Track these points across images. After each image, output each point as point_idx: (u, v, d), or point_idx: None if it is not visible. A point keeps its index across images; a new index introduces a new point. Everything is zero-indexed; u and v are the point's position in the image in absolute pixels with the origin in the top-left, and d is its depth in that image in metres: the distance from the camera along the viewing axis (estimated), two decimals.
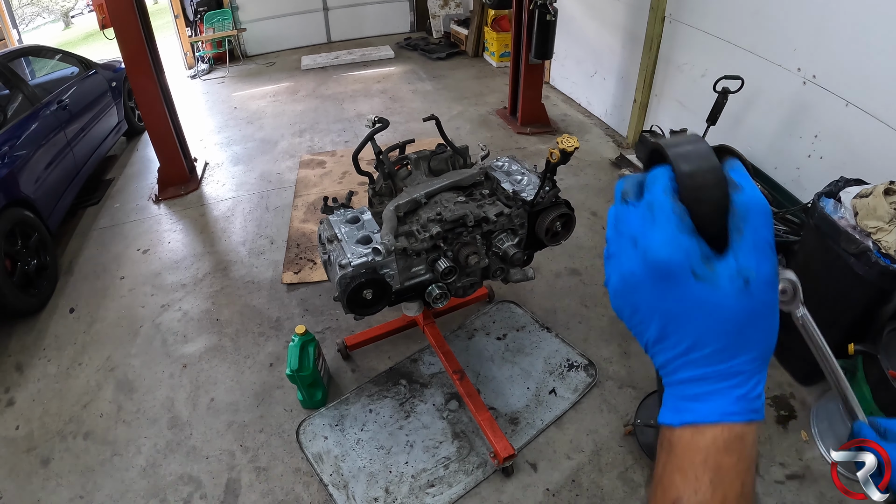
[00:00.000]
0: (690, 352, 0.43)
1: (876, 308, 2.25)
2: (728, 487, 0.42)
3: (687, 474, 0.42)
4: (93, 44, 11.64)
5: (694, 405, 0.43)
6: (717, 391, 0.43)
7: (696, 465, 0.42)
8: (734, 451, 0.42)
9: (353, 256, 1.94)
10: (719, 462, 0.42)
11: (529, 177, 2.31)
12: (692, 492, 0.42)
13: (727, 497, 0.41)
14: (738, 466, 0.42)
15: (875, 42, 2.74)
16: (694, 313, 0.42)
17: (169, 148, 4.64)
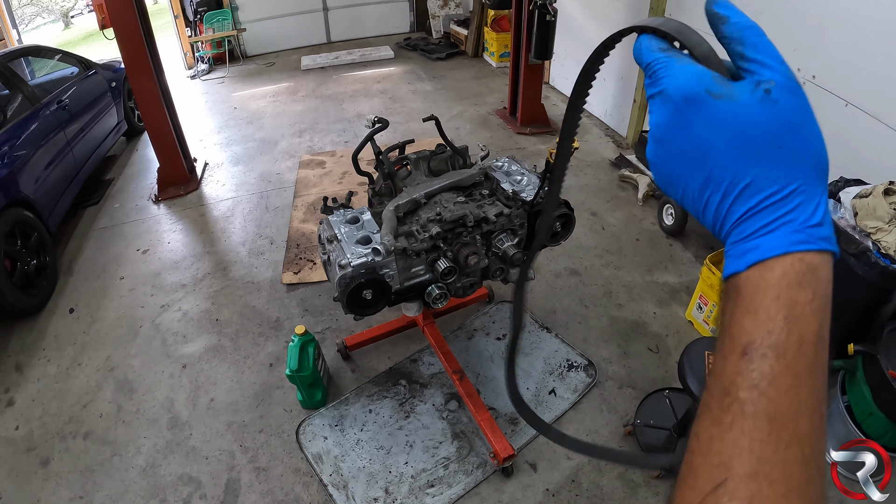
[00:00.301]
0: (737, 184, 0.40)
1: (875, 308, 2.25)
2: (804, 327, 0.38)
3: (758, 315, 0.38)
4: (92, 44, 11.64)
5: (757, 242, 0.39)
6: (778, 221, 0.39)
7: (767, 303, 0.38)
8: (808, 285, 0.38)
9: (353, 257, 1.94)
10: (793, 298, 0.38)
11: (529, 177, 2.31)
12: (765, 333, 0.37)
13: (804, 338, 0.37)
14: (814, 304, 0.38)
15: (875, 43, 2.74)
16: (725, 137, 0.40)
17: (169, 148, 4.64)
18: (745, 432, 0.35)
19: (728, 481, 0.34)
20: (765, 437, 0.35)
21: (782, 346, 0.37)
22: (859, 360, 2.18)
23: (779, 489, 0.34)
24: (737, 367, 0.37)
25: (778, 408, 0.35)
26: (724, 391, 0.37)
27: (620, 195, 4.32)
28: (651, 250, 3.69)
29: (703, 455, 0.37)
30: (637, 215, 4.05)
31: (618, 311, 3.19)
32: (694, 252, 3.63)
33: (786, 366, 0.36)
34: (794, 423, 0.35)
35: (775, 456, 0.34)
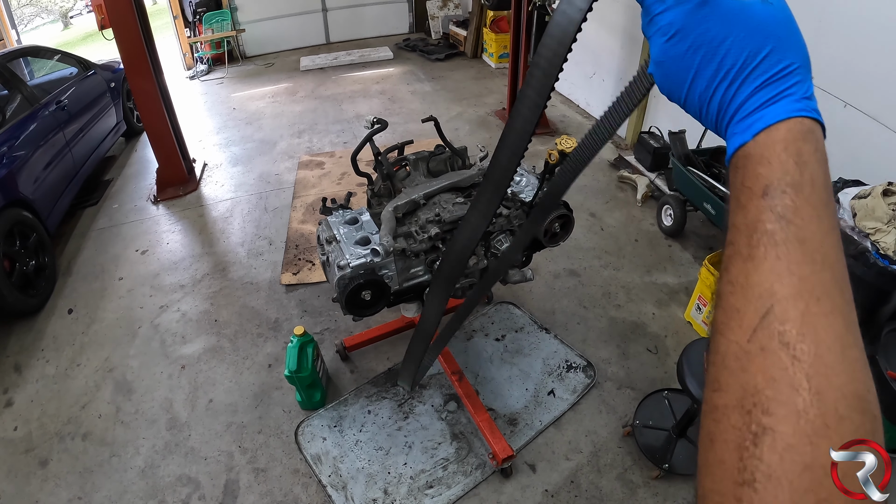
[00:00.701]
0: (746, 68, 0.45)
1: (874, 309, 2.25)
2: (814, 170, 0.41)
3: (772, 163, 0.42)
4: (92, 44, 11.64)
5: (762, 113, 0.44)
6: (780, 95, 0.44)
7: (777, 152, 0.42)
8: (811, 139, 0.43)
9: (352, 257, 1.94)
10: (799, 148, 0.42)
11: (528, 178, 2.31)
12: (781, 173, 0.41)
13: (815, 179, 0.41)
14: (817, 155, 0.43)
15: (873, 44, 2.75)
16: (735, 29, 0.45)
17: (168, 149, 4.64)
18: (780, 258, 0.37)
19: (775, 306, 0.36)
20: (800, 258, 0.37)
21: (798, 183, 0.40)
22: None
23: (824, 306, 0.35)
24: (759, 207, 0.40)
25: (806, 234, 0.38)
26: (750, 231, 0.40)
27: (619, 196, 4.33)
28: (650, 251, 3.69)
29: (742, 293, 0.38)
30: (636, 216, 4.06)
31: (617, 311, 3.19)
32: (693, 253, 3.63)
33: (805, 199, 0.39)
34: (822, 247, 0.38)
35: (814, 276, 0.36)
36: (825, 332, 0.34)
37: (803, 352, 0.34)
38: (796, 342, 0.34)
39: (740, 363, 0.36)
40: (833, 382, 0.33)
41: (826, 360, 0.33)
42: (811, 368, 0.33)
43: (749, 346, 0.36)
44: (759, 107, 0.44)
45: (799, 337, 0.34)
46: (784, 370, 0.33)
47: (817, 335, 0.34)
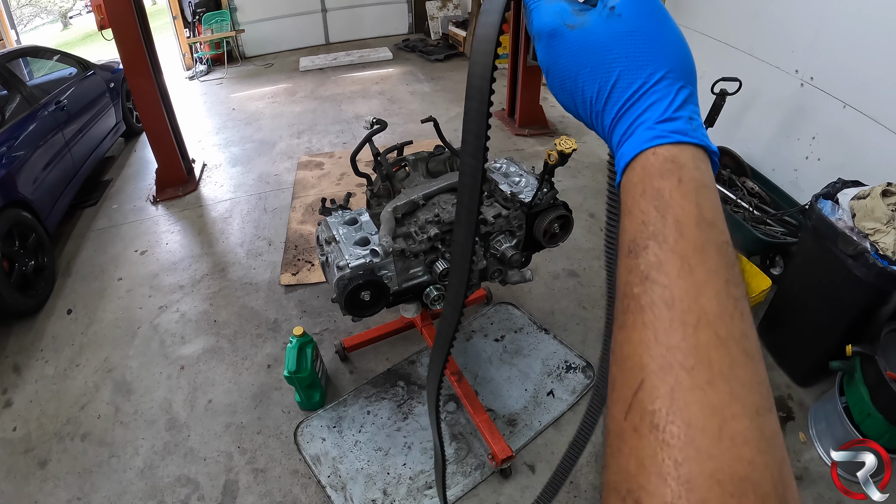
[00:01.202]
0: (600, 100, 0.42)
1: (874, 309, 2.25)
2: (679, 210, 0.36)
3: (632, 213, 0.38)
4: (91, 44, 11.64)
5: (622, 151, 0.40)
6: (633, 125, 0.40)
7: (636, 199, 0.38)
8: (669, 173, 0.37)
9: (351, 258, 1.94)
10: (656, 188, 0.37)
11: (527, 178, 2.31)
12: (640, 225, 0.37)
13: (681, 220, 0.35)
14: (682, 188, 0.37)
15: (873, 44, 2.75)
16: (583, 61, 0.43)
17: (167, 149, 4.63)
18: (647, 325, 0.33)
19: (644, 381, 0.32)
20: (668, 325, 0.33)
21: (660, 233, 0.36)
22: (857, 361, 2.19)
23: (700, 376, 0.31)
24: (626, 267, 0.37)
25: (673, 292, 0.33)
26: (620, 295, 0.36)
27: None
28: None
29: (617, 364, 0.35)
30: None
31: None
32: None
33: (669, 250, 0.35)
34: (696, 304, 0.33)
35: (685, 342, 0.32)
36: (698, 408, 0.30)
37: (672, 434, 0.30)
38: (665, 423, 0.30)
39: (617, 443, 0.33)
40: (705, 468, 0.29)
41: (698, 444, 0.29)
42: (680, 454, 0.29)
43: (625, 424, 0.32)
44: (619, 143, 0.41)
45: (669, 417, 0.30)
46: (653, 457, 0.30)
47: (688, 414, 0.30)
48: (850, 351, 2.15)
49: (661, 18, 0.42)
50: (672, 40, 0.42)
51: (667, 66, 0.41)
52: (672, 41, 0.42)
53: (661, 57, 0.41)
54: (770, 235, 3.09)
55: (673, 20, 0.43)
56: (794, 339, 2.67)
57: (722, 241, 0.36)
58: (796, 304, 2.64)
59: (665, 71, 0.41)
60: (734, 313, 0.33)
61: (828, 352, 2.36)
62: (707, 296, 0.33)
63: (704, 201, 0.37)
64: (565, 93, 0.46)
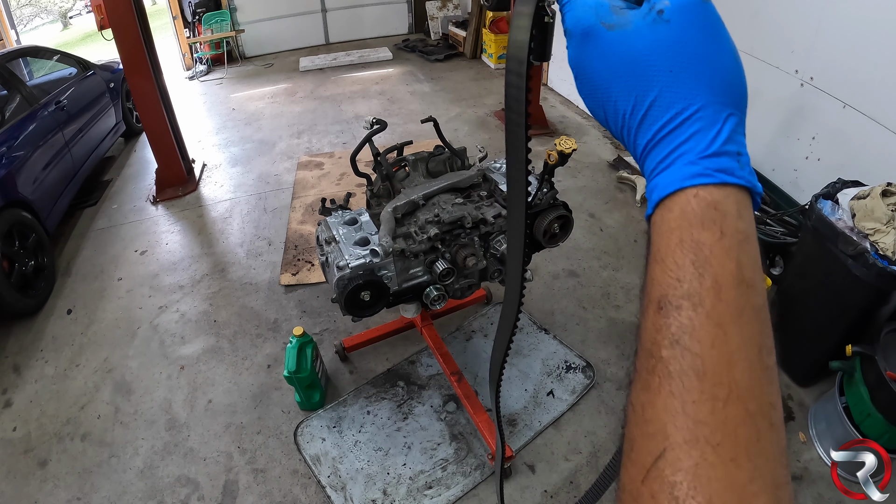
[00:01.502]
0: (636, 116, 0.38)
1: (874, 309, 2.25)
2: (718, 269, 0.33)
3: (665, 263, 0.34)
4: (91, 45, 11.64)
5: (657, 180, 0.37)
6: (674, 154, 0.36)
7: (672, 249, 0.34)
8: (711, 223, 0.34)
9: (351, 258, 1.94)
10: (696, 240, 0.34)
11: None
12: (675, 281, 0.34)
13: (720, 281, 0.33)
14: (723, 243, 0.34)
15: (873, 44, 2.75)
16: (620, 68, 0.38)
17: (167, 149, 4.63)
18: (675, 394, 0.32)
19: (667, 451, 0.31)
20: (697, 398, 0.31)
21: (696, 294, 0.33)
22: (857, 361, 2.19)
23: (725, 453, 0.30)
24: (655, 324, 0.34)
25: (705, 362, 0.32)
26: (647, 352, 0.34)
27: (619, 196, 4.33)
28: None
29: (638, 425, 0.34)
30: (635, 217, 4.05)
31: (616, 312, 3.19)
32: None
33: (705, 315, 0.32)
34: (728, 377, 0.31)
35: (713, 417, 0.31)
36: (721, 485, 0.29)
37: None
38: (686, 497, 0.30)
39: (630, 503, 0.33)
40: None
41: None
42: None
43: (642, 488, 0.32)
44: (654, 171, 0.37)
45: (690, 492, 0.30)
46: None
47: (710, 490, 0.29)
48: (850, 351, 2.15)
49: (716, 32, 0.38)
50: (726, 59, 0.38)
51: (716, 89, 0.37)
52: (726, 60, 0.38)
53: (711, 77, 0.37)
54: (770, 235, 3.09)
55: (729, 36, 0.38)
56: (794, 339, 2.67)
57: (760, 304, 0.34)
58: (796, 304, 2.64)
59: (713, 94, 0.37)
60: (765, 385, 0.32)
61: (828, 352, 2.36)
62: (740, 368, 0.32)
63: (745, 258, 0.34)
64: (595, 101, 0.42)
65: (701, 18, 0.37)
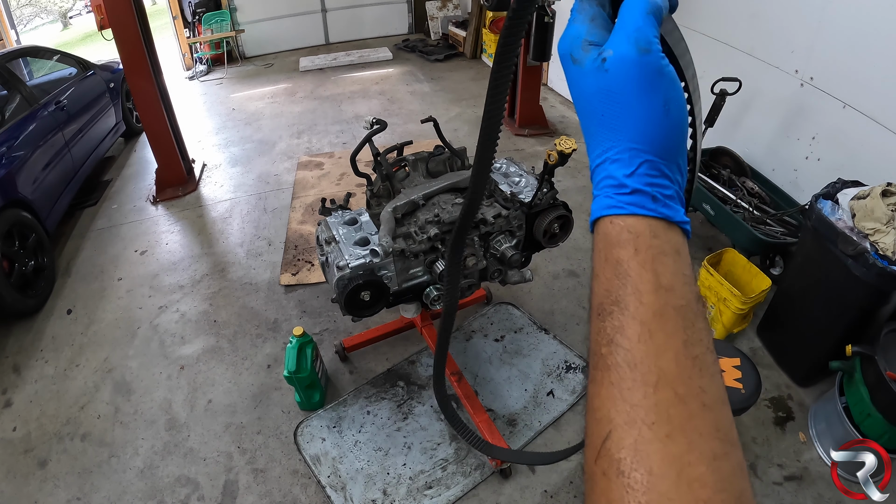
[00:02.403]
0: (586, 137, 0.44)
1: (874, 309, 2.25)
2: (637, 279, 0.39)
3: (599, 277, 0.41)
4: (91, 45, 11.64)
5: (592, 204, 0.43)
6: (600, 185, 0.42)
7: (601, 265, 0.41)
8: (626, 243, 0.40)
9: (351, 258, 1.94)
10: (616, 257, 0.40)
11: (527, 178, 2.31)
12: (605, 291, 0.40)
13: (640, 289, 0.38)
14: (639, 257, 0.39)
15: (873, 44, 2.75)
16: (575, 95, 0.44)
17: (167, 149, 4.63)
18: (613, 384, 0.37)
19: (612, 432, 0.36)
20: (630, 385, 0.36)
21: (622, 300, 0.39)
22: (857, 361, 2.19)
23: (660, 430, 0.35)
24: (595, 328, 0.40)
25: (635, 355, 0.37)
26: (592, 352, 0.40)
27: None
28: None
29: (590, 415, 0.39)
30: None
31: None
32: (692, 253, 3.61)
33: (630, 317, 0.38)
34: (655, 365, 0.36)
35: (646, 400, 0.36)
36: (658, 457, 0.34)
37: (636, 480, 0.34)
38: (630, 471, 0.34)
39: (589, 484, 0.37)
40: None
41: (659, 488, 0.33)
42: (643, 497, 0.33)
43: (595, 468, 0.36)
44: (595, 196, 0.44)
45: (633, 465, 0.34)
46: (620, 499, 0.34)
47: (650, 463, 0.34)
48: (850, 351, 2.15)
49: (651, 85, 0.40)
50: (654, 111, 0.41)
51: (636, 137, 0.41)
52: (653, 112, 0.41)
53: (634, 126, 0.41)
54: (770, 235, 3.09)
55: (670, 85, 0.41)
56: (794, 339, 2.67)
57: (680, 304, 0.39)
58: (796, 304, 2.64)
59: (633, 141, 0.41)
60: (692, 371, 0.37)
61: (828, 352, 2.36)
62: (666, 358, 0.37)
63: (661, 268, 0.39)
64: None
65: (637, 72, 0.40)
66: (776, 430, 2.48)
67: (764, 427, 2.50)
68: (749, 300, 2.68)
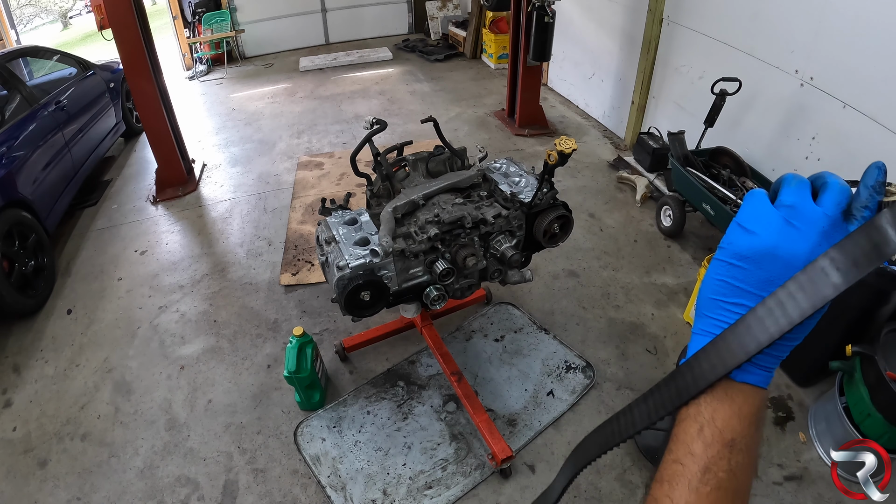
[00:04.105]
0: None
1: (874, 309, 2.25)
2: (754, 440, 0.51)
3: (742, 419, 0.50)
4: (91, 45, 11.64)
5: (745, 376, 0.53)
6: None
7: (746, 418, 0.51)
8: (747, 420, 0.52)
9: (351, 258, 1.94)
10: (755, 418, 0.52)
11: (527, 178, 2.31)
12: (744, 433, 0.50)
13: (752, 446, 0.50)
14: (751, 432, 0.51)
15: (872, 44, 2.75)
16: None
17: (167, 149, 4.63)
18: (717, 501, 0.46)
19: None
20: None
21: (748, 448, 0.49)
22: (857, 361, 2.19)
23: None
24: (721, 454, 0.48)
25: (739, 487, 0.48)
26: (704, 469, 0.47)
27: (618, 197, 4.33)
28: (649, 252, 3.69)
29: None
30: (635, 217, 4.06)
31: (616, 312, 3.19)
32: (692, 253, 3.63)
33: (748, 461, 0.49)
34: (743, 496, 0.48)
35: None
36: None
37: None
38: None
39: None
40: None
41: None
42: None
43: None
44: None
45: None
46: None
47: None
48: (850, 351, 2.15)
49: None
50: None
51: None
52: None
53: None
54: None
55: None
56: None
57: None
58: None
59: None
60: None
61: (828, 352, 2.35)
62: (747, 494, 0.50)
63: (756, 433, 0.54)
64: None
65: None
66: (776, 430, 2.48)
67: (764, 427, 2.49)
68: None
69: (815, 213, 0.46)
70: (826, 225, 0.46)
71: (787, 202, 0.47)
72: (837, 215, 0.46)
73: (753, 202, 0.50)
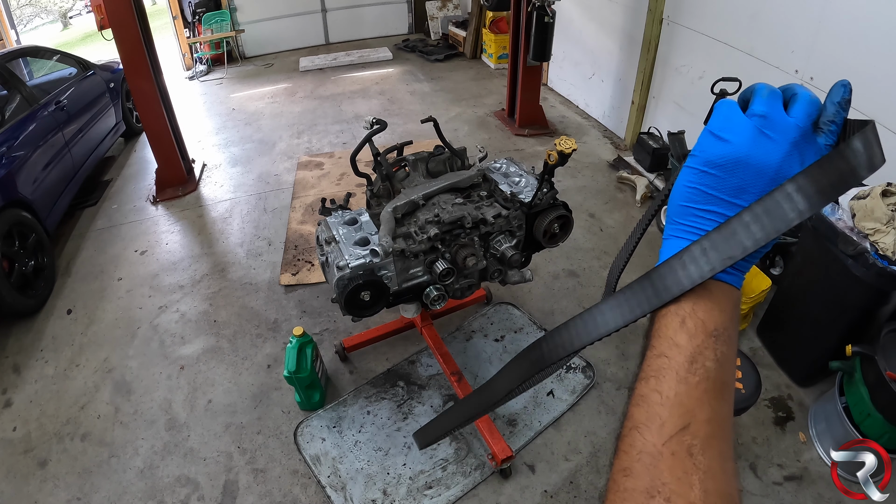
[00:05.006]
0: None
1: (873, 309, 2.25)
2: (737, 324, 0.52)
3: (724, 312, 0.51)
4: (91, 45, 11.64)
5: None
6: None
7: (725, 305, 0.52)
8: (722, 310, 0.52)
9: (351, 258, 1.94)
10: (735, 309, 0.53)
11: (527, 178, 2.31)
12: (726, 324, 0.50)
13: (734, 336, 0.51)
14: (732, 326, 0.51)
15: (872, 44, 2.75)
16: None
17: (167, 149, 4.63)
18: (707, 391, 0.46)
19: (692, 425, 0.45)
20: (719, 396, 0.46)
21: (731, 338, 0.49)
22: (857, 361, 2.19)
23: (720, 431, 0.46)
24: (705, 343, 0.47)
25: (727, 378, 0.47)
26: (691, 359, 0.47)
27: (618, 197, 4.33)
28: (649, 252, 3.67)
29: (669, 406, 0.46)
30: (635, 217, 4.05)
31: None
32: None
33: (732, 351, 0.49)
34: (730, 388, 0.48)
35: (721, 410, 0.46)
36: (716, 450, 0.45)
37: (700, 462, 0.43)
38: (698, 454, 0.44)
39: (653, 460, 0.45)
40: (715, 485, 0.43)
41: (713, 470, 0.44)
42: (703, 474, 0.43)
43: (663, 448, 0.44)
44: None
45: (700, 450, 0.44)
46: (686, 472, 0.43)
47: (712, 451, 0.44)
48: (850, 351, 2.15)
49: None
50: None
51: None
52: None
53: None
54: None
55: None
56: (794, 339, 2.67)
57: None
58: (796, 304, 2.64)
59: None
60: (733, 393, 0.50)
61: (828, 352, 2.36)
62: (733, 385, 0.50)
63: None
64: None
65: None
66: (776, 430, 2.48)
67: (764, 427, 2.50)
68: (749, 300, 2.68)
69: (787, 123, 0.48)
70: (797, 135, 0.48)
71: (759, 111, 0.48)
72: (808, 126, 0.48)
73: (725, 110, 0.50)
